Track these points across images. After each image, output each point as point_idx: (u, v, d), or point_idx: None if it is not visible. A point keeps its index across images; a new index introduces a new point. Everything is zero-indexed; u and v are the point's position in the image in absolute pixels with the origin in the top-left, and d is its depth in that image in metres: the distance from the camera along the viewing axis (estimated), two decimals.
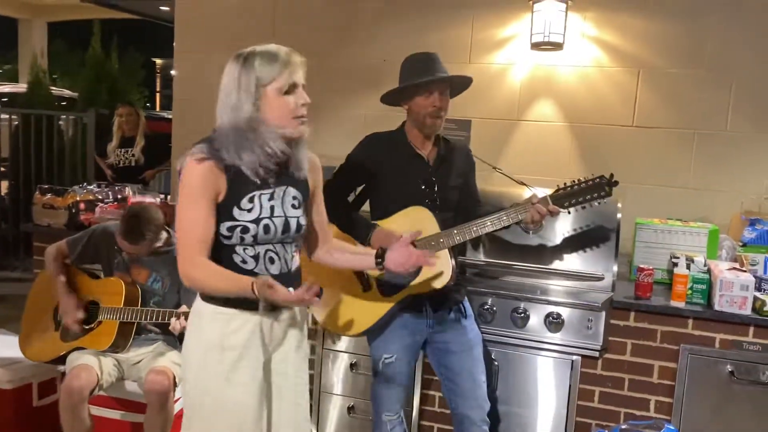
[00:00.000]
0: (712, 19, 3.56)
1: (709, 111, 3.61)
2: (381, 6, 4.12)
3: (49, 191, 3.76)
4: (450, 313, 2.60)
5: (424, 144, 2.61)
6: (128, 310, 2.84)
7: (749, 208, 3.49)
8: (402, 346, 2.57)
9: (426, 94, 2.52)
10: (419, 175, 2.57)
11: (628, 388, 2.94)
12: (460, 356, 2.60)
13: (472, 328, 2.67)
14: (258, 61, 1.90)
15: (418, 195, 2.55)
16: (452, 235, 2.46)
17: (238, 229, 1.95)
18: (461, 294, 2.66)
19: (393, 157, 2.58)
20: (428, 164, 2.60)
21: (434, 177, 2.58)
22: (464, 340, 2.61)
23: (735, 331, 2.78)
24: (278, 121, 1.92)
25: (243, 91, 1.89)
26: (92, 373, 2.78)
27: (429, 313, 2.58)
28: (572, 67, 3.80)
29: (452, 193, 2.62)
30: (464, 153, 2.74)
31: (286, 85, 1.91)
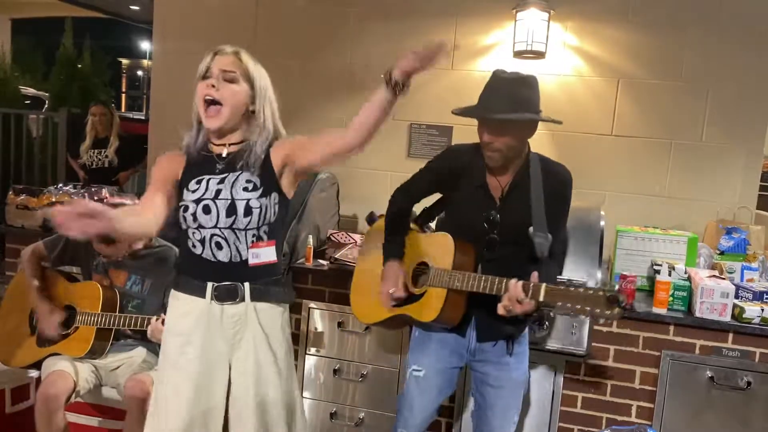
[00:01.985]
0: (690, 32, 3.64)
1: (686, 121, 3.69)
2: (364, 11, 4.11)
3: (24, 191, 3.65)
4: (494, 345, 2.38)
5: (502, 171, 2.28)
6: (105, 316, 2.76)
7: (724, 216, 3.57)
8: (435, 362, 2.41)
9: (480, 125, 2.22)
10: (481, 210, 2.29)
11: (611, 394, 2.97)
12: (498, 392, 2.39)
13: (518, 367, 2.41)
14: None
15: (476, 231, 2.29)
16: (452, 278, 2.24)
17: (182, 208, 2.04)
18: (515, 328, 2.35)
19: (462, 180, 2.32)
20: (495, 201, 2.29)
21: (498, 216, 2.28)
22: (506, 376, 2.39)
23: (715, 338, 2.83)
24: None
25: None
26: (68, 379, 2.70)
27: (472, 339, 2.38)
28: (553, 76, 3.84)
29: (519, 233, 2.24)
30: (555, 183, 2.30)
31: (202, 71, 2.05)
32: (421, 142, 4.03)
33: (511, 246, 2.27)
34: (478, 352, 2.39)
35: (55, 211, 1.65)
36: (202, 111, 2.04)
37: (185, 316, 2.06)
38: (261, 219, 2.02)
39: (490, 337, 2.36)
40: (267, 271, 2.08)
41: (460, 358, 2.42)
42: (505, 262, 2.25)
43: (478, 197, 2.30)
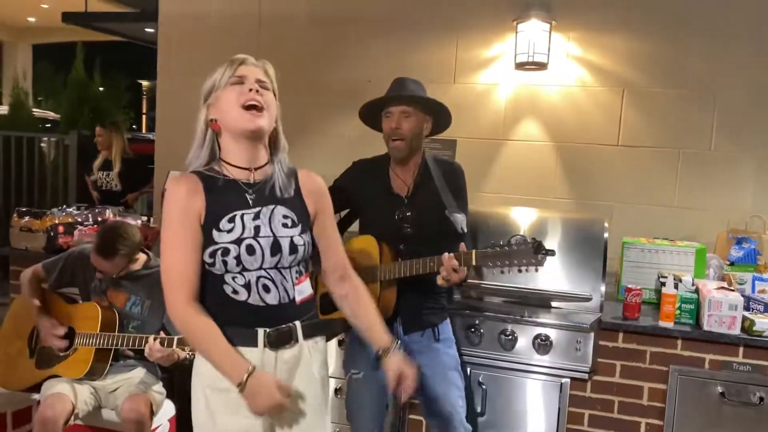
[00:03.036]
0: (695, 39, 3.57)
1: (694, 130, 3.61)
2: (364, 28, 4.11)
3: (27, 214, 3.67)
4: (422, 335, 2.55)
5: (404, 170, 2.57)
6: (104, 336, 2.76)
7: (735, 226, 3.48)
8: (369, 364, 2.41)
9: (387, 115, 2.52)
10: (393, 211, 2.53)
11: (618, 411, 2.88)
12: (434, 380, 2.52)
13: (447, 351, 2.58)
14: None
15: (392, 230, 2.53)
16: (384, 271, 2.46)
17: (219, 252, 1.75)
18: (438, 317, 2.59)
19: (370, 189, 2.58)
20: (402, 199, 2.55)
21: (408, 212, 2.54)
22: (436, 362, 2.54)
23: (725, 352, 2.74)
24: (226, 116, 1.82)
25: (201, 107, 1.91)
26: (66, 402, 2.69)
27: (399, 333, 2.52)
28: (557, 87, 3.79)
29: (429, 226, 2.53)
30: (450, 173, 2.61)
31: (230, 76, 1.83)
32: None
33: (425, 238, 2.50)
34: (408, 344, 2.50)
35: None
36: (240, 114, 1.78)
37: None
38: (304, 255, 1.88)
39: (415, 328, 2.54)
40: (309, 306, 1.93)
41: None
42: (422, 255, 2.42)
43: (387, 199, 2.55)
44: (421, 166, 2.58)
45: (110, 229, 2.83)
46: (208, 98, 1.83)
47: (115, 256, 2.77)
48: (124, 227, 2.85)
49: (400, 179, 2.57)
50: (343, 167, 2.78)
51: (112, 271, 2.82)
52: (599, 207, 3.68)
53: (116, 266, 2.81)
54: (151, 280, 2.92)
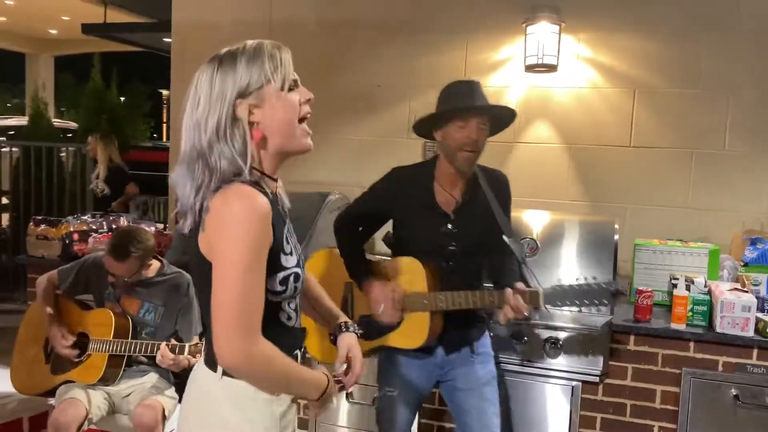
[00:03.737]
0: (707, 39, 3.53)
1: (707, 130, 3.57)
2: (374, 32, 4.12)
3: (43, 222, 3.74)
4: (459, 353, 2.42)
5: (454, 183, 2.34)
6: (117, 343, 2.79)
7: (750, 227, 3.43)
8: (405, 383, 2.43)
9: (461, 124, 2.23)
10: (436, 227, 2.33)
11: (631, 414, 2.86)
12: (468, 394, 2.41)
13: (484, 366, 2.44)
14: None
15: (434, 249, 2.32)
16: (436, 300, 2.27)
17: (291, 278, 1.52)
18: (477, 332, 2.45)
19: (410, 202, 2.36)
20: (447, 215, 2.33)
21: (454, 230, 2.33)
22: (472, 376, 2.41)
23: (738, 354, 2.70)
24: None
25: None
26: (80, 407, 2.73)
27: (440, 355, 2.41)
28: (567, 89, 3.78)
29: (474, 244, 2.34)
30: (497, 185, 2.39)
31: (291, 77, 1.54)
32: None
33: (469, 257, 2.34)
34: (446, 364, 2.42)
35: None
36: (300, 131, 1.53)
37: (284, 417, 1.57)
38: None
39: (455, 348, 2.41)
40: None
41: (429, 374, 2.45)
42: (465, 274, 2.32)
43: (431, 215, 2.34)
44: (469, 180, 2.36)
45: (124, 233, 2.87)
46: (246, 93, 1.45)
47: (128, 259, 2.79)
48: (137, 231, 2.89)
49: (446, 192, 2.35)
50: (351, 171, 2.78)
51: (125, 274, 2.85)
52: (612, 209, 3.65)
53: (129, 269, 2.83)
54: (165, 287, 2.95)
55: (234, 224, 1.38)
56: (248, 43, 1.50)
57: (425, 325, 2.29)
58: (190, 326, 2.92)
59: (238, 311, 1.38)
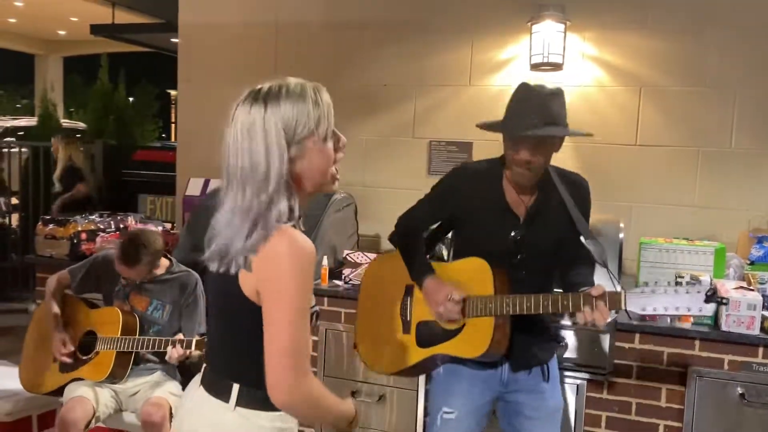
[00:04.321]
0: (713, 36, 3.52)
1: (713, 128, 3.56)
2: (380, 32, 4.13)
3: (52, 222, 3.77)
4: (529, 373, 2.25)
5: (526, 185, 2.18)
6: (125, 340, 2.82)
7: (757, 225, 3.42)
8: (467, 402, 2.24)
9: (513, 146, 2.10)
10: (507, 231, 2.18)
11: (636, 413, 2.86)
12: (535, 423, 2.25)
13: (554, 394, 2.30)
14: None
15: (502, 254, 2.17)
16: (502, 304, 2.09)
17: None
18: (548, 353, 2.29)
19: (479, 203, 2.21)
20: (518, 218, 2.20)
21: (525, 236, 2.18)
22: (542, 405, 2.26)
23: (744, 352, 2.70)
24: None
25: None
26: (87, 405, 2.76)
27: (505, 370, 2.24)
28: (573, 87, 3.76)
29: (546, 251, 2.21)
30: (577, 191, 2.25)
31: (330, 125, 1.55)
32: (441, 159, 4.00)
33: (538, 264, 2.20)
34: (512, 383, 2.25)
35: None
36: (331, 176, 1.56)
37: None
38: None
39: (525, 366, 2.24)
40: None
41: (492, 393, 2.28)
42: (533, 282, 2.16)
43: (501, 218, 2.20)
44: (544, 182, 2.20)
45: (133, 238, 2.89)
46: (290, 144, 1.45)
47: (138, 264, 2.83)
48: (145, 236, 2.90)
49: (518, 197, 2.20)
50: (356, 171, 2.77)
51: (137, 277, 2.90)
52: (618, 207, 3.64)
53: (140, 273, 2.88)
54: (173, 285, 2.98)
55: (291, 267, 1.41)
56: (291, 84, 1.48)
57: (488, 331, 2.10)
58: (194, 325, 2.94)
59: (293, 352, 1.42)
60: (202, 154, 4.56)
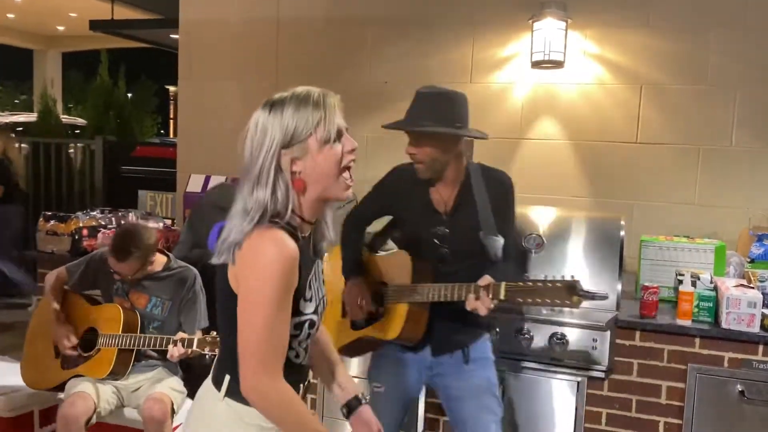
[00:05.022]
0: (714, 35, 3.53)
1: (714, 127, 3.57)
2: (382, 29, 4.14)
3: (53, 218, 3.77)
4: (451, 356, 2.41)
5: (444, 186, 2.35)
6: (126, 337, 2.82)
7: (757, 223, 3.43)
8: (392, 380, 2.46)
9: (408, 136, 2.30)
10: (430, 228, 2.35)
11: (636, 410, 2.87)
12: (464, 403, 2.39)
13: (479, 373, 2.41)
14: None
15: (427, 249, 2.35)
16: (412, 292, 2.30)
17: (306, 324, 1.57)
18: (469, 336, 2.42)
19: (407, 201, 2.39)
20: (441, 216, 2.36)
21: (447, 230, 2.35)
22: (466, 386, 2.39)
23: (744, 350, 2.71)
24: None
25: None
26: (89, 401, 2.76)
27: (427, 355, 2.42)
28: (574, 85, 3.78)
29: (468, 246, 2.33)
30: (496, 189, 2.37)
31: (341, 125, 1.56)
32: None
33: (464, 259, 2.34)
34: (436, 366, 2.43)
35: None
36: (341, 180, 1.54)
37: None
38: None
39: (445, 350, 2.41)
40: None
41: (418, 373, 2.46)
42: (459, 276, 2.26)
43: (425, 214, 2.37)
44: (464, 180, 2.36)
45: (125, 233, 2.88)
46: (290, 144, 1.48)
47: (129, 258, 2.82)
48: (138, 230, 2.89)
49: (440, 194, 2.37)
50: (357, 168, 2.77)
51: (127, 272, 2.87)
52: (618, 205, 3.65)
53: (131, 268, 2.86)
54: (172, 282, 2.98)
55: (263, 265, 1.43)
56: (297, 91, 1.53)
57: (402, 316, 2.32)
58: (194, 321, 2.94)
59: (262, 350, 1.45)
60: (202, 150, 4.57)
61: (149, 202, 5.41)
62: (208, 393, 1.60)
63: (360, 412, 1.80)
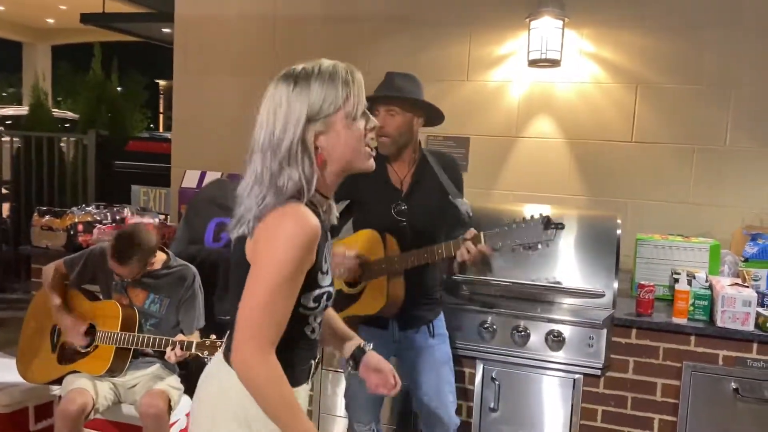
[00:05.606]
0: (710, 34, 3.56)
1: (708, 126, 3.59)
2: (378, 25, 4.13)
3: (48, 213, 3.74)
4: (417, 332, 2.60)
5: (400, 164, 2.57)
6: (125, 336, 2.81)
7: (751, 222, 3.46)
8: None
9: (375, 113, 2.40)
10: (390, 203, 2.54)
11: (632, 407, 2.89)
12: (427, 375, 2.60)
13: (441, 347, 2.64)
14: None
15: (387, 224, 2.52)
16: (392, 262, 2.46)
17: (324, 297, 1.57)
18: (433, 313, 2.64)
19: (366, 182, 2.37)
20: (400, 192, 2.56)
21: (405, 205, 2.54)
22: (429, 358, 2.60)
23: (738, 348, 2.74)
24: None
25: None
26: (87, 397, 2.75)
27: (394, 330, 2.59)
28: (570, 84, 3.80)
29: (426, 219, 2.55)
30: (449, 166, 2.64)
31: (364, 104, 1.58)
32: None
33: (420, 233, 2.51)
34: (403, 340, 2.60)
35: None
36: (365, 154, 1.56)
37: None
38: None
39: (412, 325, 2.59)
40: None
41: (387, 348, 2.51)
42: (418, 246, 2.44)
43: (385, 192, 2.55)
44: (418, 159, 2.59)
45: (125, 236, 2.85)
46: (316, 119, 1.48)
47: (130, 262, 2.81)
48: (138, 233, 2.87)
49: (396, 172, 2.58)
50: None
51: (129, 275, 2.87)
52: (613, 204, 3.68)
53: (132, 271, 2.86)
54: (171, 279, 2.97)
55: (282, 241, 1.42)
56: (323, 65, 1.51)
57: (383, 288, 2.47)
58: (192, 319, 2.94)
59: (259, 323, 1.43)
60: (197, 145, 4.56)
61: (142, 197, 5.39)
62: (221, 368, 1.57)
63: (367, 360, 1.80)
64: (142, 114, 12.68)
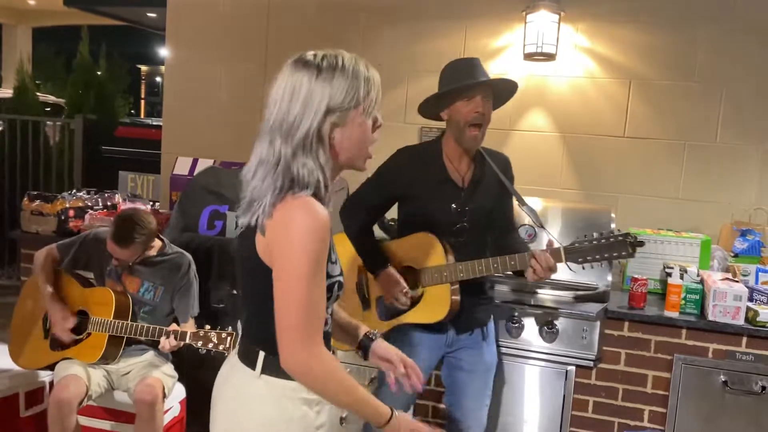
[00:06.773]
0: (703, 32, 3.60)
1: (699, 123, 3.64)
2: (373, 15, 4.12)
3: (38, 198, 3.70)
4: (471, 334, 2.50)
5: (461, 160, 2.41)
6: (118, 324, 2.78)
7: (739, 218, 3.52)
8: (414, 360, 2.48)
9: (466, 99, 2.31)
10: (449, 202, 2.39)
11: (622, 398, 2.94)
12: (471, 376, 2.51)
13: (490, 350, 2.56)
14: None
15: (446, 223, 2.39)
16: (456, 270, 2.33)
17: (336, 286, 1.57)
18: (487, 314, 2.55)
19: (423, 178, 2.40)
20: (460, 189, 2.41)
21: (466, 205, 2.40)
22: (479, 361, 2.52)
23: (728, 342, 2.79)
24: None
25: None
26: (81, 383, 2.73)
27: (451, 335, 2.48)
28: (565, 78, 3.82)
29: (484, 219, 2.43)
30: (503, 167, 2.50)
31: (378, 102, 1.60)
32: None
33: (476, 231, 2.42)
34: (455, 343, 2.50)
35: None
36: (367, 153, 1.57)
37: (320, 414, 1.57)
38: None
39: (468, 328, 2.49)
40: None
41: (437, 353, 2.51)
42: (472, 248, 2.38)
43: (443, 190, 2.39)
44: (477, 157, 2.44)
45: (127, 218, 2.83)
46: (335, 112, 1.46)
47: (132, 244, 2.79)
48: (139, 216, 2.85)
49: (456, 170, 2.42)
50: None
51: (129, 258, 2.85)
52: (604, 198, 3.72)
53: (132, 254, 2.84)
54: (166, 267, 2.95)
55: (302, 236, 1.41)
56: (345, 57, 1.50)
57: (447, 297, 2.35)
58: (187, 307, 2.93)
59: (303, 322, 1.42)
60: (188, 132, 4.52)
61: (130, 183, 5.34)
62: (238, 372, 1.55)
63: (375, 348, 1.79)
64: (124, 99, 12.49)
